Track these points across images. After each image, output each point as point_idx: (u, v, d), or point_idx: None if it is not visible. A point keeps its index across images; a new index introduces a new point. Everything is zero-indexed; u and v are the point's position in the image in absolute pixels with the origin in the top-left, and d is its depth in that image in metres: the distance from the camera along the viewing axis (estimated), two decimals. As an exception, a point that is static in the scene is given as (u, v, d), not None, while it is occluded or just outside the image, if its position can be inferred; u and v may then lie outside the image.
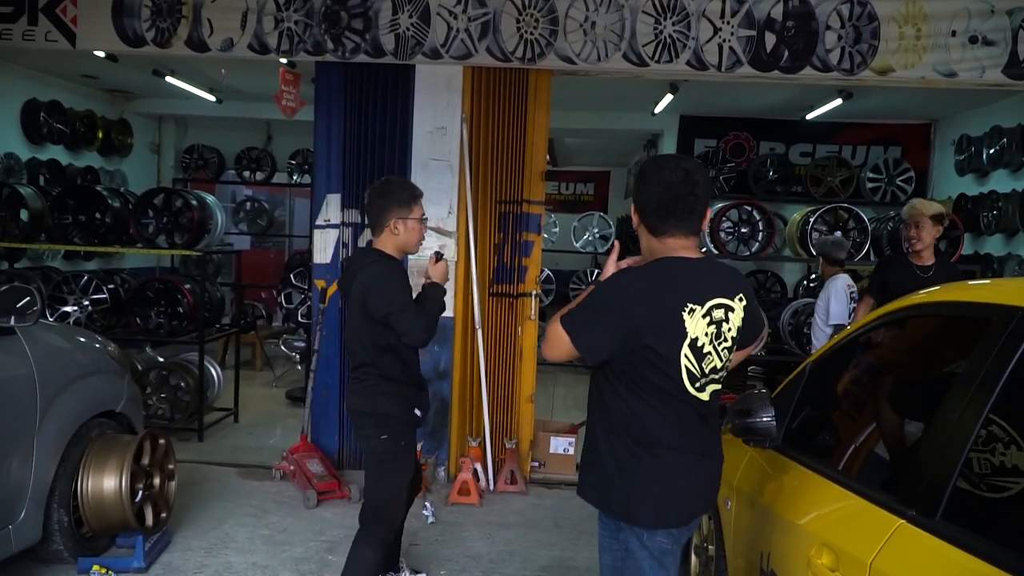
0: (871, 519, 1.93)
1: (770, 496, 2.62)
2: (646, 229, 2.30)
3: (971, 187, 8.55)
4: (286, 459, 5.26)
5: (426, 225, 3.42)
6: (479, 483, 5.23)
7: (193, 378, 6.45)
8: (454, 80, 5.36)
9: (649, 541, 2.21)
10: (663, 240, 2.27)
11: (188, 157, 11.37)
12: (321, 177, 5.53)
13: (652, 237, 2.29)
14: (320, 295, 5.51)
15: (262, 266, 12.90)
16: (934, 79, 5.12)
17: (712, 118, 9.87)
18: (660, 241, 2.27)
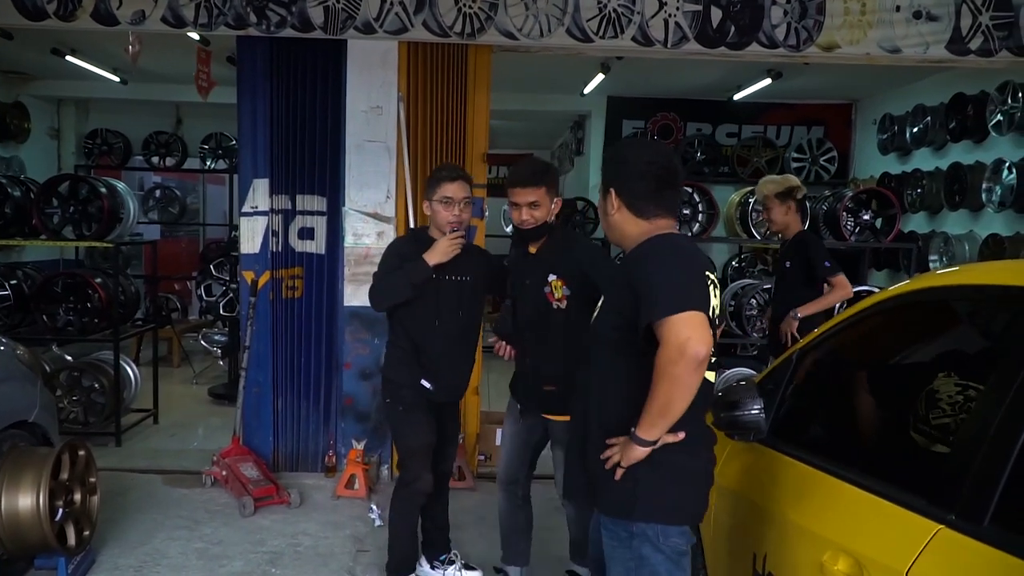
0: (899, 523, 1.79)
1: (762, 493, 2.47)
2: (631, 213, 2.26)
3: (894, 166, 8.70)
4: (217, 464, 4.91)
5: (448, 206, 3.38)
6: (425, 480, 4.99)
7: (108, 379, 6.01)
8: (389, 56, 5.05)
9: (664, 543, 2.12)
10: (653, 221, 2.26)
11: (91, 142, 10.65)
12: (246, 162, 5.16)
13: (639, 220, 2.26)
14: (250, 287, 5.15)
15: (175, 256, 12.29)
16: (878, 55, 5.08)
17: (640, 99, 9.80)
18: (650, 223, 2.25)
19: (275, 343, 5.20)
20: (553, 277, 3.19)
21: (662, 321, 1.97)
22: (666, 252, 2.14)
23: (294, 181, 5.18)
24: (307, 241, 5.22)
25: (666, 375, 1.97)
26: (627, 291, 2.13)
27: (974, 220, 7.33)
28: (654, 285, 2.03)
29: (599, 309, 2.36)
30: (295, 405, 5.28)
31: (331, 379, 5.27)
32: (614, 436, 2.16)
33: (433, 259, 3.31)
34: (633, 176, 2.24)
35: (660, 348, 1.98)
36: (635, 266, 2.17)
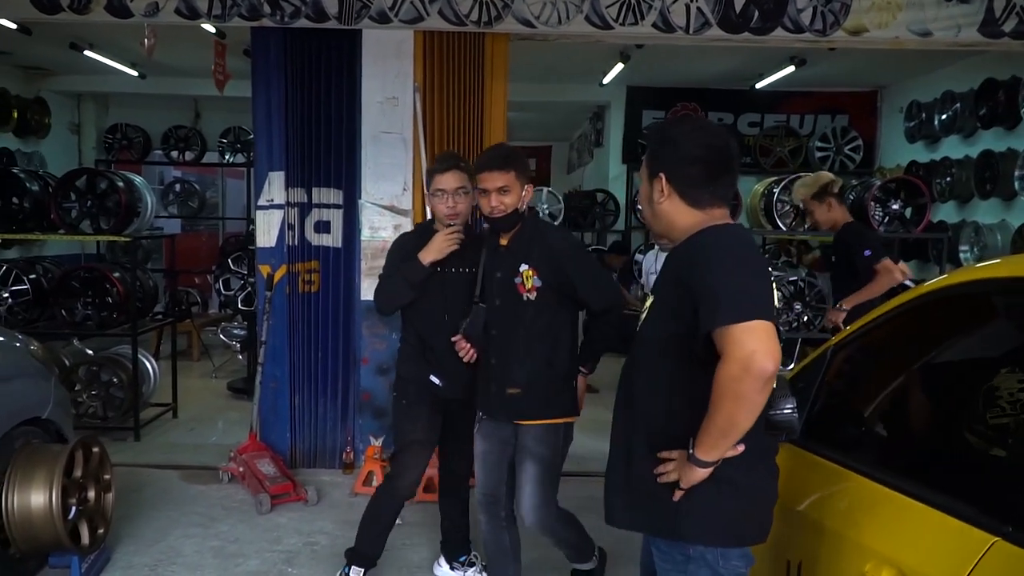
0: (950, 534, 1.67)
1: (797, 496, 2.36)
2: (684, 202, 2.05)
3: (922, 154, 8.52)
4: (234, 460, 4.86)
5: (441, 198, 3.27)
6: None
7: (126, 373, 5.99)
8: (405, 46, 4.96)
9: (723, 567, 1.97)
10: (708, 211, 2.04)
11: (111, 137, 10.68)
12: (262, 154, 5.09)
13: (692, 210, 2.04)
14: (266, 281, 5.09)
15: (195, 250, 12.34)
16: (908, 39, 4.93)
17: (660, 88, 9.67)
18: (705, 212, 2.04)
19: (292, 338, 5.14)
20: (525, 267, 3.00)
21: (724, 331, 1.77)
22: (727, 248, 1.92)
23: (310, 174, 5.11)
24: (323, 235, 5.15)
25: (728, 393, 1.77)
26: (680, 290, 1.94)
27: (1006, 209, 7.16)
28: (714, 287, 1.82)
29: (647, 310, 2.13)
30: (312, 401, 5.22)
31: (348, 374, 5.21)
32: (670, 451, 1.98)
33: (428, 257, 3.19)
34: (686, 160, 2.02)
35: (722, 362, 1.78)
36: (690, 263, 1.94)
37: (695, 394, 1.91)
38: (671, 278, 2.03)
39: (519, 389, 3.02)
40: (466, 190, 3.24)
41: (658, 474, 1.99)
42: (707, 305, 1.82)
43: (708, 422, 1.84)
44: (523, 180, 3.03)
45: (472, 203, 3.29)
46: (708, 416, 1.84)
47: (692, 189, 2.02)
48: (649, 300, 2.15)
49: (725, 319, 1.77)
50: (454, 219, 3.24)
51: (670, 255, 2.11)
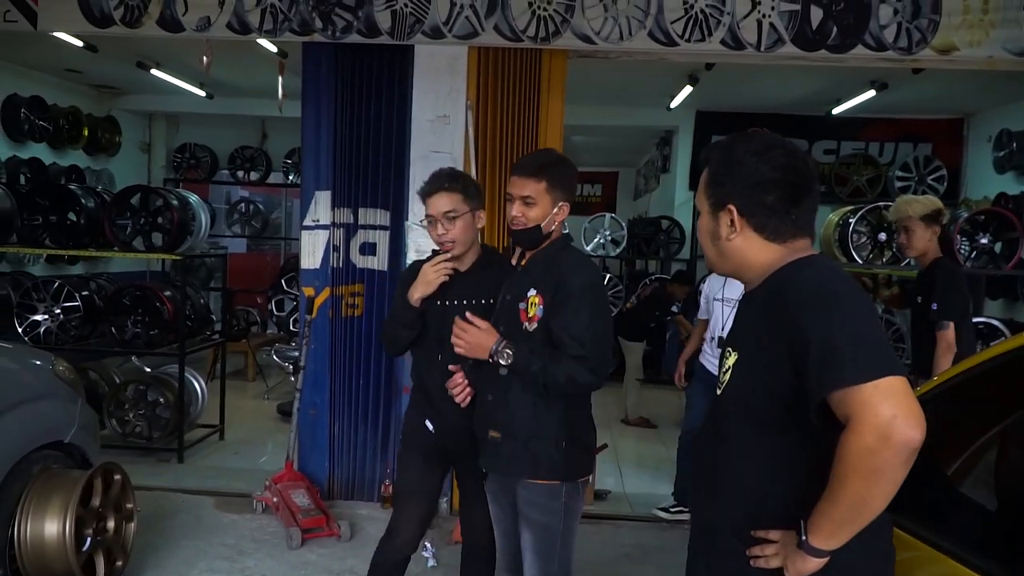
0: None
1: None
2: (760, 236, 1.72)
3: (1012, 186, 7.98)
4: (269, 489, 4.68)
5: (432, 226, 2.86)
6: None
7: (173, 393, 5.90)
8: (458, 62, 4.76)
9: None
10: (789, 244, 1.72)
11: (180, 156, 10.85)
12: (309, 173, 4.95)
13: (771, 244, 1.72)
14: (307, 304, 4.93)
15: (258, 270, 12.39)
16: (1002, 58, 4.53)
17: (730, 113, 9.30)
18: (786, 246, 1.72)
19: (333, 363, 4.96)
20: (532, 292, 2.56)
21: (849, 393, 1.44)
22: (831, 288, 1.58)
23: (357, 194, 4.94)
24: (369, 257, 4.97)
25: (860, 468, 1.44)
26: (774, 344, 1.60)
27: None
28: (827, 339, 1.49)
29: (731, 369, 1.76)
30: (352, 430, 5.01)
31: (390, 403, 4.99)
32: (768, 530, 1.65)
33: (415, 292, 2.82)
34: (762, 186, 1.69)
35: (850, 431, 1.44)
36: (784, 310, 1.60)
37: (799, 467, 1.61)
38: (755, 329, 1.69)
39: (498, 434, 2.59)
40: (455, 214, 2.79)
41: (752, 556, 1.65)
42: (820, 362, 1.48)
43: (830, 503, 1.50)
44: (557, 195, 2.59)
45: (478, 225, 2.90)
46: (829, 496, 1.49)
47: (771, 220, 1.70)
48: (732, 358, 1.77)
49: (850, 378, 1.44)
50: (447, 247, 2.82)
51: (750, 301, 1.78)
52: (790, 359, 1.55)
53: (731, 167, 1.72)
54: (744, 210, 1.71)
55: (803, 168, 1.71)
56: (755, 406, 1.66)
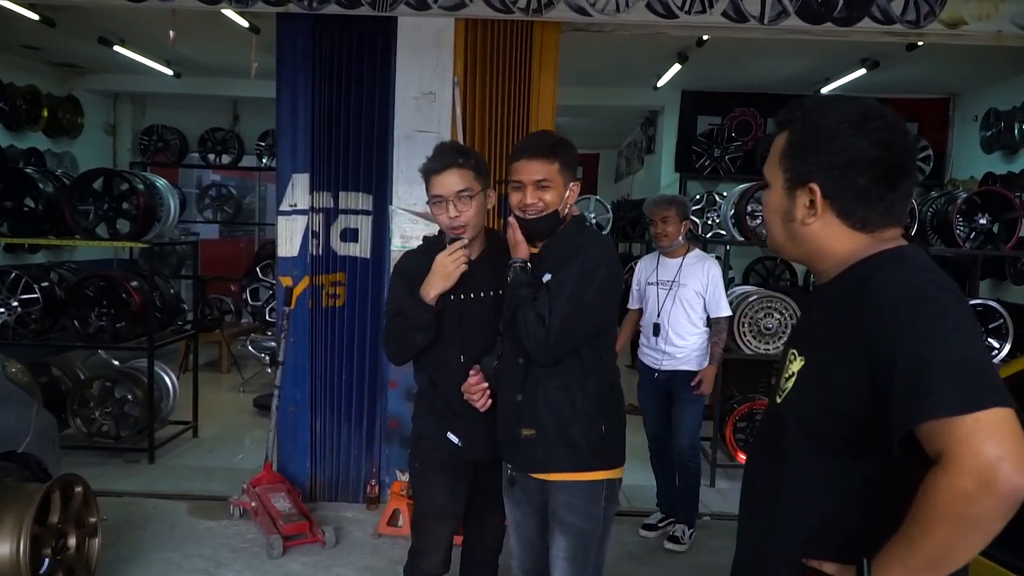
0: None
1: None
2: (845, 222, 1.44)
3: (999, 166, 7.87)
4: (247, 492, 4.39)
5: (440, 206, 2.57)
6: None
7: (142, 389, 5.58)
8: (444, 35, 4.46)
9: None
10: (878, 234, 1.44)
11: (147, 139, 10.42)
12: (285, 154, 4.64)
13: (856, 233, 1.44)
14: (285, 295, 4.63)
15: (231, 257, 12.01)
16: (1011, 33, 4.34)
17: (717, 93, 9.14)
18: (872, 236, 1.44)
19: (313, 357, 4.67)
20: (548, 277, 2.40)
21: (946, 424, 1.19)
22: (931, 294, 1.30)
23: (337, 176, 4.64)
24: (351, 244, 4.67)
25: (951, 516, 1.19)
26: (852, 353, 1.34)
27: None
28: (917, 355, 1.23)
29: (795, 377, 1.48)
30: (335, 427, 4.73)
31: (375, 399, 4.71)
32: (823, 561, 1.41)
33: (432, 289, 2.50)
34: (856, 165, 1.40)
35: (943, 469, 1.20)
36: (868, 312, 1.33)
37: (867, 496, 1.37)
38: (828, 332, 1.42)
39: (533, 431, 2.41)
40: (471, 192, 2.53)
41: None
42: (910, 385, 1.22)
43: (907, 548, 1.25)
44: (568, 176, 2.43)
45: (488, 206, 2.63)
46: (907, 540, 1.25)
47: (861, 206, 1.42)
48: (796, 363, 1.48)
49: (947, 408, 1.19)
50: (460, 232, 2.54)
51: (822, 297, 1.51)
52: (868, 376, 1.29)
53: (818, 138, 1.42)
54: (829, 192, 1.42)
55: (905, 145, 1.42)
56: (819, 423, 1.41)
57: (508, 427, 2.47)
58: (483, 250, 2.65)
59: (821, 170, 1.42)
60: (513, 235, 2.46)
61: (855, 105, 1.43)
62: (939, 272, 1.36)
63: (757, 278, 8.91)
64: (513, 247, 2.47)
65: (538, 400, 2.40)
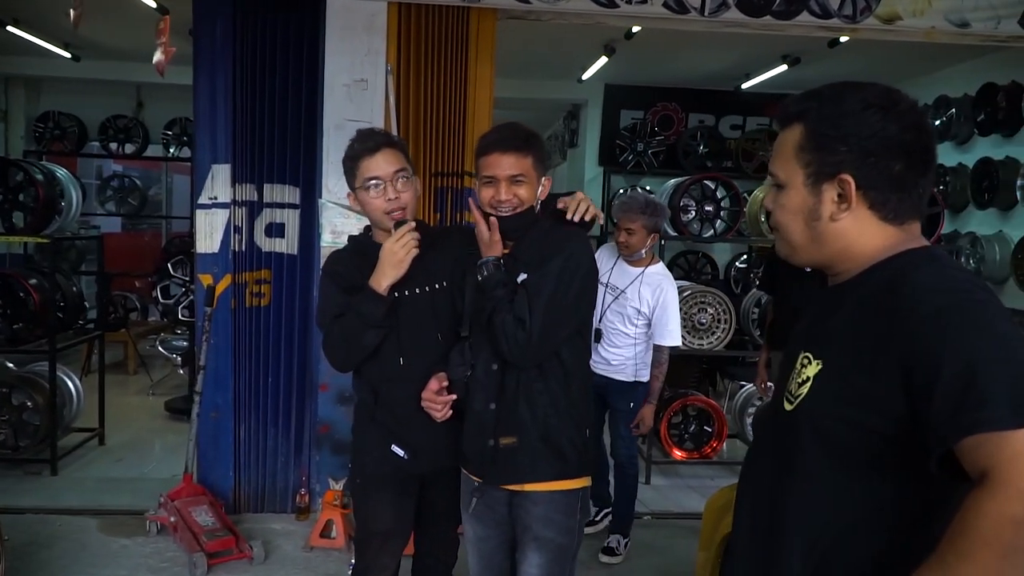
0: None
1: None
2: (876, 215, 1.34)
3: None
4: (164, 506, 4.10)
5: (377, 190, 2.38)
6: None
7: (43, 395, 5.18)
8: (377, 20, 4.23)
9: None
10: (908, 227, 1.35)
11: (42, 126, 9.77)
12: (204, 144, 4.34)
13: (887, 226, 1.34)
14: (206, 295, 4.34)
15: (136, 251, 11.53)
16: (944, 29, 4.42)
17: (639, 87, 9.15)
18: (902, 230, 1.34)
19: (237, 360, 4.39)
20: (524, 276, 2.27)
21: (994, 440, 1.08)
22: (966, 293, 1.21)
23: (261, 168, 4.37)
24: (276, 239, 4.42)
25: (995, 544, 1.06)
26: (880, 360, 1.22)
27: (1004, 220, 6.79)
28: (963, 364, 1.12)
29: (811, 382, 1.34)
30: (261, 434, 4.47)
31: (304, 403, 4.48)
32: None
33: (384, 279, 2.30)
34: (891, 151, 1.30)
35: (987, 491, 1.08)
36: (896, 313, 1.22)
37: (891, 518, 1.25)
38: (856, 336, 1.29)
39: (514, 439, 2.26)
40: (407, 174, 2.39)
41: None
42: (956, 395, 1.11)
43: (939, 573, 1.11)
44: (541, 170, 2.29)
45: (418, 190, 2.48)
46: (941, 565, 1.11)
47: (895, 194, 1.32)
48: (813, 367, 1.35)
49: (996, 422, 1.08)
50: (401, 215, 2.35)
51: (841, 294, 1.39)
52: (903, 384, 1.17)
53: (844, 125, 1.31)
54: (864, 181, 1.31)
55: (932, 128, 1.37)
56: (840, 435, 1.28)
57: (480, 438, 2.30)
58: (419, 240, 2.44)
59: (853, 159, 1.31)
60: (484, 232, 2.28)
61: (876, 88, 1.33)
62: (973, 274, 1.29)
63: (679, 272, 8.98)
64: (486, 245, 2.28)
65: (519, 406, 2.25)
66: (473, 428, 2.33)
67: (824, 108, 1.35)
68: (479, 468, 2.34)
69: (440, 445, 2.44)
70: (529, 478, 2.27)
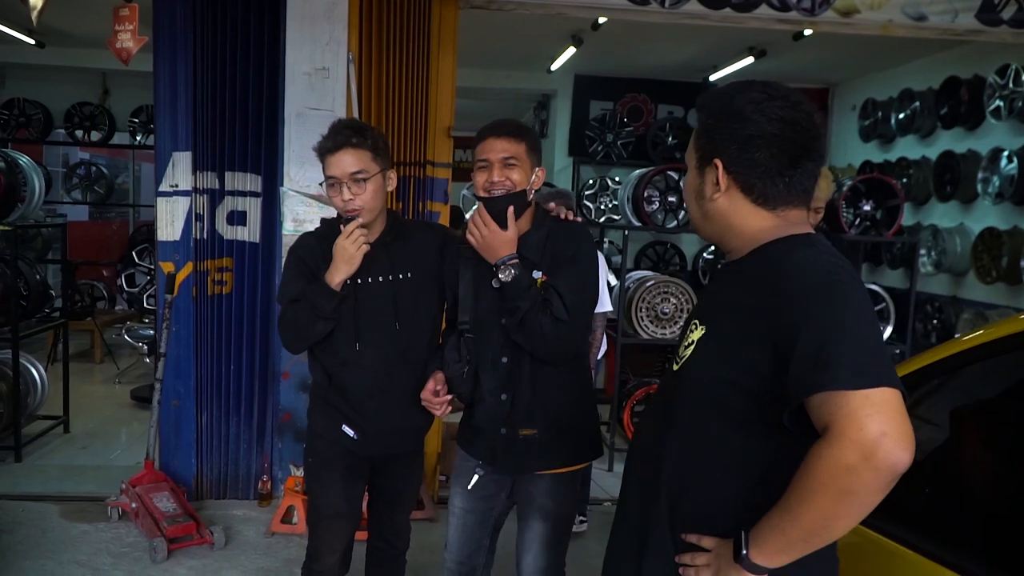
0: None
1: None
2: (750, 199, 1.50)
3: (876, 154, 8.26)
4: (126, 492, 4.11)
5: (335, 189, 2.43)
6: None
7: (6, 383, 5.16)
8: (338, 8, 4.23)
9: None
10: (782, 212, 1.50)
11: (6, 113, 9.65)
12: (164, 132, 4.33)
13: (762, 211, 1.51)
14: (167, 283, 4.34)
15: (103, 240, 11.39)
16: (901, 23, 4.50)
17: (609, 78, 9.19)
18: (777, 215, 1.50)
19: (198, 348, 4.40)
20: (538, 275, 2.33)
21: (835, 399, 1.24)
22: (831, 274, 1.37)
23: (222, 155, 4.37)
24: (238, 227, 4.42)
25: (832, 488, 1.25)
26: (753, 327, 1.40)
27: (965, 212, 6.89)
28: (819, 333, 1.29)
29: (695, 345, 1.53)
30: (223, 421, 4.48)
31: (266, 391, 4.49)
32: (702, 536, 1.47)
33: (337, 275, 2.37)
34: (755, 140, 1.46)
35: (828, 442, 1.25)
36: (772, 292, 1.39)
37: (754, 469, 1.43)
38: (734, 305, 1.47)
39: (534, 430, 2.35)
40: (367, 175, 2.40)
41: (680, 564, 1.47)
42: (808, 359, 1.27)
43: (786, 519, 1.31)
44: (535, 159, 2.36)
45: (388, 187, 2.50)
46: (787, 510, 1.30)
47: (761, 180, 1.47)
48: (697, 332, 1.53)
49: (839, 382, 1.24)
50: (355, 214, 2.41)
51: (729, 271, 1.58)
52: (772, 349, 1.35)
53: (724, 117, 1.50)
54: (732, 166, 1.49)
55: (807, 124, 1.48)
56: (715, 392, 1.46)
57: (491, 427, 2.39)
58: (381, 232, 2.52)
59: (724, 146, 1.49)
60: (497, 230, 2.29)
61: (761, 87, 1.49)
62: (844, 260, 1.43)
63: (648, 262, 9.05)
64: (493, 247, 2.29)
65: (534, 397, 2.35)
66: (484, 417, 2.42)
67: (714, 103, 1.54)
68: (489, 456, 2.42)
69: (391, 431, 2.52)
70: (542, 467, 2.39)
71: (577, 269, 2.32)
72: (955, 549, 1.73)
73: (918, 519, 1.89)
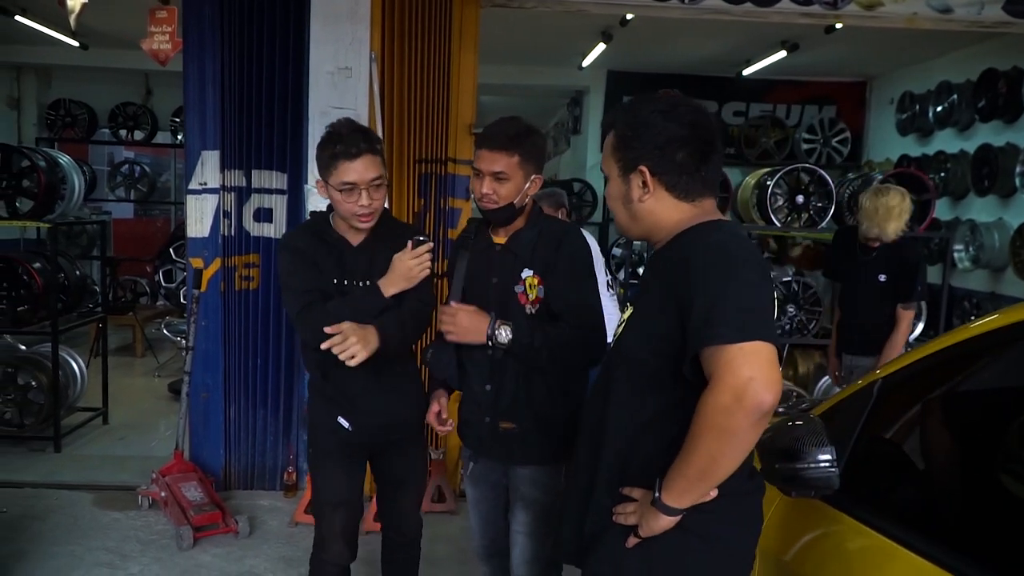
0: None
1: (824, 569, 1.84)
2: (672, 195, 1.72)
3: (913, 148, 8.09)
4: (156, 482, 4.24)
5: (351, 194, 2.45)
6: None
7: (47, 375, 5.34)
8: (361, 8, 4.29)
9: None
10: (699, 203, 1.74)
11: (53, 113, 9.95)
12: (194, 131, 4.44)
13: (681, 203, 1.72)
14: (195, 277, 4.46)
15: (146, 237, 11.64)
16: (926, 15, 4.43)
17: (642, 74, 9.13)
18: (694, 205, 1.73)
19: (227, 342, 4.51)
20: (528, 273, 2.39)
21: (715, 351, 1.47)
22: (722, 250, 1.58)
23: (249, 154, 4.47)
24: (264, 224, 4.52)
25: (713, 426, 1.47)
26: (666, 300, 1.61)
27: (1003, 207, 6.74)
28: (708, 298, 1.50)
29: (625, 322, 1.79)
30: (250, 413, 4.59)
31: (291, 383, 4.59)
32: (632, 488, 1.68)
33: (392, 288, 2.46)
34: (672, 144, 1.67)
35: (709, 389, 1.48)
36: (677, 268, 1.60)
37: (669, 426, 1.63)
38: (655, 286, 1.71)
39: (513, 425, 2.43)
40: (382, 180, 2.47)
41: (615, 514, 1.70)
42: (696, 319, 1.51)
43: (683, 461, 1.54)
44: (530, 168, 2.38)
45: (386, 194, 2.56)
46: (683, 453, 1.54)
47: (682, 178, 1.70)
48: (627, 312, 1.81)
49: (721, 337, 1.47)
50: (367, 220, 2.47)
51: (653, 258, 1.80)
52: (678, 316, 1.56)
53: (639, 128, 1.71)
54: (656, 169, 1.69)
55: (709, 125, 1.72)
56: (637, 359, 1.69)
57: (476, 416, 2.48)
58: (364, 238, 2.57)
59: (646, 153, 1.69)
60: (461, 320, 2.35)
61: (663, 98, 1.72)
62: (745, 240, 1.68)
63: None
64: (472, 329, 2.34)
65: (517, 391, 2.41)
66: (471, 407, 2.51)
67: (626, 117, 1.73)
68: (476, 444, 2.53)
69: (384, 423, 2.63)
70: (523, 461, 2.46)
71: (579, 270, 2.41)
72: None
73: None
